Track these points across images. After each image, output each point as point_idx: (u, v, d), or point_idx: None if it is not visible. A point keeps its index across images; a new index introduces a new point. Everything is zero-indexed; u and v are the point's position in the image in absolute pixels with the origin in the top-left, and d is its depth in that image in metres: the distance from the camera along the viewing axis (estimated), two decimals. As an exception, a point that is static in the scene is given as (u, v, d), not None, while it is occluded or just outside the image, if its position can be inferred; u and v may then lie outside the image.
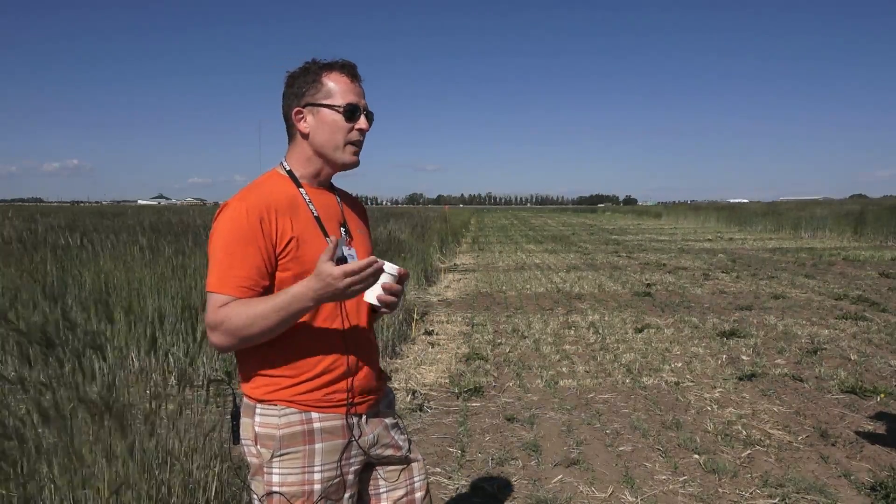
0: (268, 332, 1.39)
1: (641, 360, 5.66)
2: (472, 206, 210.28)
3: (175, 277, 6.00)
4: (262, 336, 1.39)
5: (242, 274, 1.40)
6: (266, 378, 1.49)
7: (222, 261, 1.41)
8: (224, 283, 1.40)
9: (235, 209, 1.44)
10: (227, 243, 1.42)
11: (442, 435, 4.01)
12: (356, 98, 1.52)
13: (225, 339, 1.40)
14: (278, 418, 1.47)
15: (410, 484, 1.69)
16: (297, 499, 1.47)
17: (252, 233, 1.41)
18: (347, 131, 1.52)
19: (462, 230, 25.91)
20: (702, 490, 3.21)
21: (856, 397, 4.59)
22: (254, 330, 1.37)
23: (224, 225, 1.44)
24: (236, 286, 1.40)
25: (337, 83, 1.51)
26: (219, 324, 1.38)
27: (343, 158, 1.53)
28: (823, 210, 26.67)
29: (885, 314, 7.60)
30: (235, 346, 1.43)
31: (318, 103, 1.51)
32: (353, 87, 1.52)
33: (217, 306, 1.39)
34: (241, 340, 1.40)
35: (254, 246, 1.41)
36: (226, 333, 1.38)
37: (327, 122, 1.51)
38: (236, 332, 1.38)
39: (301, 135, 1.54)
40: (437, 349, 6.15)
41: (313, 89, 1.51)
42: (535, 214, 69.75)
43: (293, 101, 1.53)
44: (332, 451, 1.50)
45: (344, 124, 1.51)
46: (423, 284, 10.33)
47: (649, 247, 18.89)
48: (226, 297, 1.39)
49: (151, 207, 42.51)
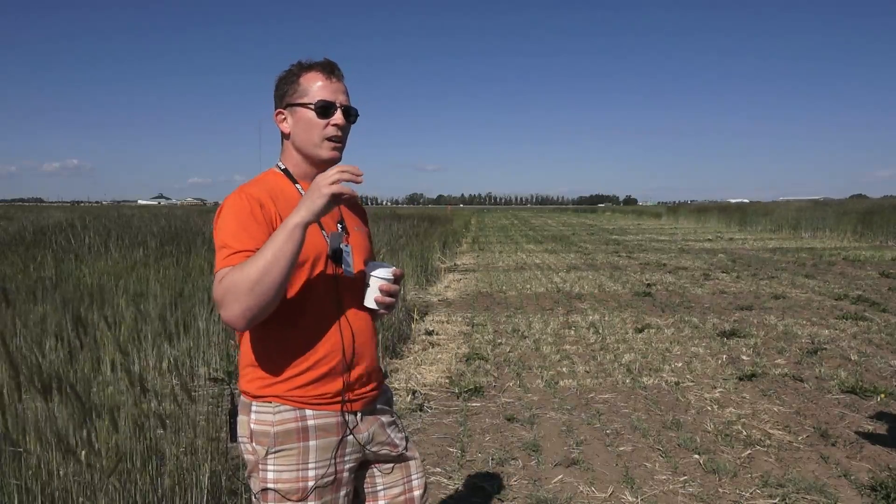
0: (274, 277, 1.32)
1: (641, 360, 5.66)
2: (473, 206, 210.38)
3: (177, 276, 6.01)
4: (270, 288, 1.32)
5: (250, 244, 1.39)
6: (262, 373, 1.50)
7: (227, 242, 1.41)
8: (230, 259, 1.38)
9: (235, 198, 1.46)
10: (230, 225, 1.42)
11: (442, 435, 4.01)
12: (331, 95, 1.54)
13: (235, 308, 1.33)
14: (273, 415, 1.48)
15: (408, 482, 1.69)
16: (291, 495, 1.48)
17: (253, 215, 1.43)
18: (322, 127, 1.54)
19: (462, 230, 25.91)
20: (702, 490, 3.21)
21: (856, 397, 4.59)
22: (258, 282, 1.31)
23: (226, 214, 1.45)
24: (242, 258, 1.37)
25: (312, 82, 1.54)
26: (224, 294, 1.33)
27: (322, 155, 1.55)
28: (823, 210, 26.67)
29: (886, 314, 7.60)
30: (249, 316, 1.34)
31: (295, 103, 1.55)
32: (328, 84, 1.55)
33: (220, 280, 1.36)
34: (253, 304, 1.32)
35: (255, 225, 1.42)
36: (235, 301, 1.32)
37: (303, 121, 1.54)
38: (244, 294, 1.31)
39: (283, 135, 1.59)
40: (437, 349, 6.15)
41: (291, 90, 1.55)
42: (536, 214, 69.75)
43: (276, 104, 1.59)
44: (326, 448, 1.51)
45: (318, 121, 1.53)
46: (424, 284, 10.33)
47: (649, 247, 18.89)
48: (228, 269, 1.36)
49: (151, 207, 42.52)
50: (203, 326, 5.24)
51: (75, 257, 7.81)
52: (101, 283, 5.74)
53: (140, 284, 6.12)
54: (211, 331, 5.12)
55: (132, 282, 5.89)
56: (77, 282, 5.90)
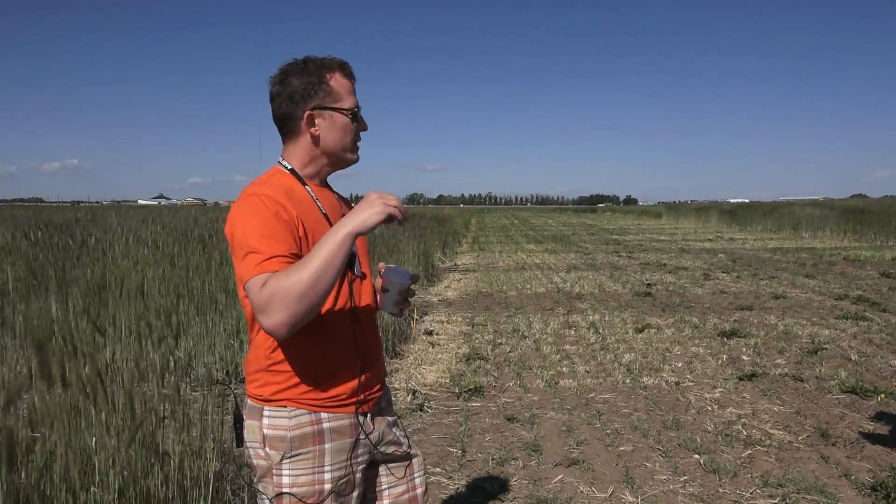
0: (324, 285, 1.29)
1: (642, 360, 5.66)
2: (473, 207, 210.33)
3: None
4: (319, 296, 1.30)
5: (282, 249, 1.35)
6: (276, 377, 1.47)
7: (256, 248, 1.34)
8: (264, 265, 1.33)
9: (255, 201, 1.40)
10: (255, 230, 1.36)
11: (442, 435, 4.01)
12: (356, 100, 1.56)
13: (282, 316, 1.28)
14: (288, 420, 1.46)
15: (411, 480, 1.70)
16: (308, 499, 1.47)
17: (278, 218, 1.39)
18: (355, 132, 1.57)
19: (462, 230, 25.91)
20: (702, 490, 3.21)
21: (856, 397, 4.59)
22: (309, 290, 1.28)
23: (247, 217, 1.39)
24: (278, 264, 1.33)
25: (342, 86, 1.53)
26: (269, 301, 1.28)
27: (352, 158, 1.59)
28: (824, 210, 26.67)
29: (886, 314, 7.60)
30: (294, 322, 1.30)
31: (329, 107, 1.51)
32: (352, 88, 1.56)
33: (260, 286, 1.30)
34: (301, 312, 1.29)
35: (282, 229, 1.38)
36: (283, 308, 1.27)
37: (338, 126, 1.53)
38: (294, 302, 1.27)
39: (311, 137, 1.53)
40: (437, 349, 6.15)
41: (321, 92, 1.50)
42: (536, 214, 69.74)
43: (300, 104, 1.50)
44: (341, 450, 1.51)
45: (352, 127, 1.55)
46: (424, 284, 10.33)
47: (650, 247, 18.89)
48: (266, 275, 1.31)
49: (152, 207, 42.50)
50: (202, 327, 5.24)
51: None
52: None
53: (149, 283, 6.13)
54: (212, 331, 5.12)
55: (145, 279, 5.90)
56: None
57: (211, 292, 6.19)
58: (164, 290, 5.94)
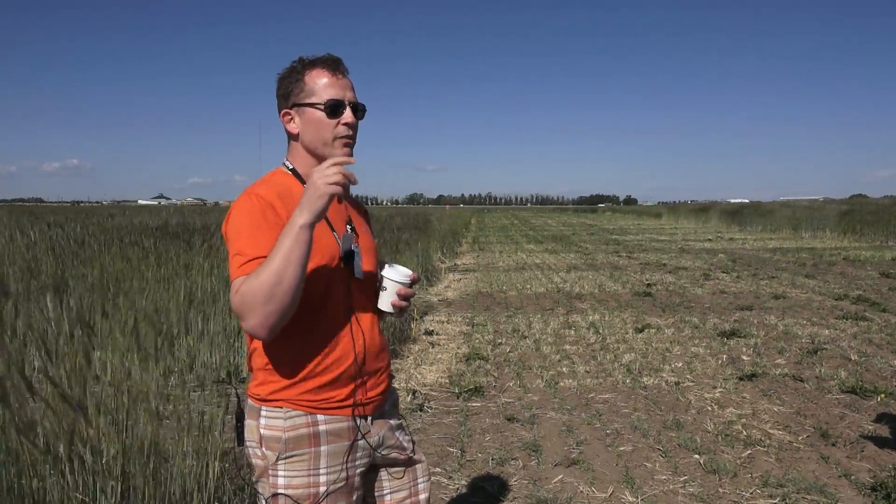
0: (288, 283, 1.29)
1: (642, 360, 5.66)
2: (473, 206, 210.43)
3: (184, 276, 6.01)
4: (285, 295, 1.29)
5: (264, 250, 1.35)
6: (272, 377, 1.47)
7: (241, 249, 1.37)
8: (244, 268, 1.35)
9: (245, 200, 1.43)
10: (243, 230, 1.39)
11: (442, 435, 4.01)
12: (339, 92, 1.50)
13: (254, 320, 1.30)
14: (283, 420, 1.46)
15: (414, 486, 1.68)
16: (303, 500, 1.46)
17: (265, 218, 1.39)
18: (333, 127, 1.50)
19: (462, 230, 25.90)
20: (702, 490, 3.21)
21: (856, 397, 4.59)
22: (272, 290, 1.28)
23: (237, 218, 1.41)
24: (257, 266, 1.33)
25: (318, 80, 1.50)
26: (241, 305, 1.31)
27: (335, 155, 1.50)
28: (824, 210, 26.66)
29: (886, 314, 7.60)
30: (269, 325, 1.31)
31: (302, 103, 1.50)
32: (335, 81, 1.50)
33: (235, 291, 1.33)
34: (271, 313, 1.29)
35: (268, 229, 1.38)
36: (252, 312, 1.29)
37: (313, 121, 1.50)
38: (260, 305, 1.29)
39: (291, 136, 1.54)
40: (437, 349, 6.15)
41: (297, 89, 1.50)
42: (536, 214, 69.74)
43: (281, 104, 1.54)
44: (337, 452, 1.49)
45: (328, 121, 1.49)
46: (424, 284, 10.33)
47: (649, 247, 18.88)
48: (242, 279, 1.33)
49: (152, 207, 42.51)
50: (203, 327, 5.24)
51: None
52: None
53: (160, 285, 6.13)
54: (212, 331, 5.12)
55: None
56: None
57: (213, 291, 6.19)
58: (163, 290, 5.93)
